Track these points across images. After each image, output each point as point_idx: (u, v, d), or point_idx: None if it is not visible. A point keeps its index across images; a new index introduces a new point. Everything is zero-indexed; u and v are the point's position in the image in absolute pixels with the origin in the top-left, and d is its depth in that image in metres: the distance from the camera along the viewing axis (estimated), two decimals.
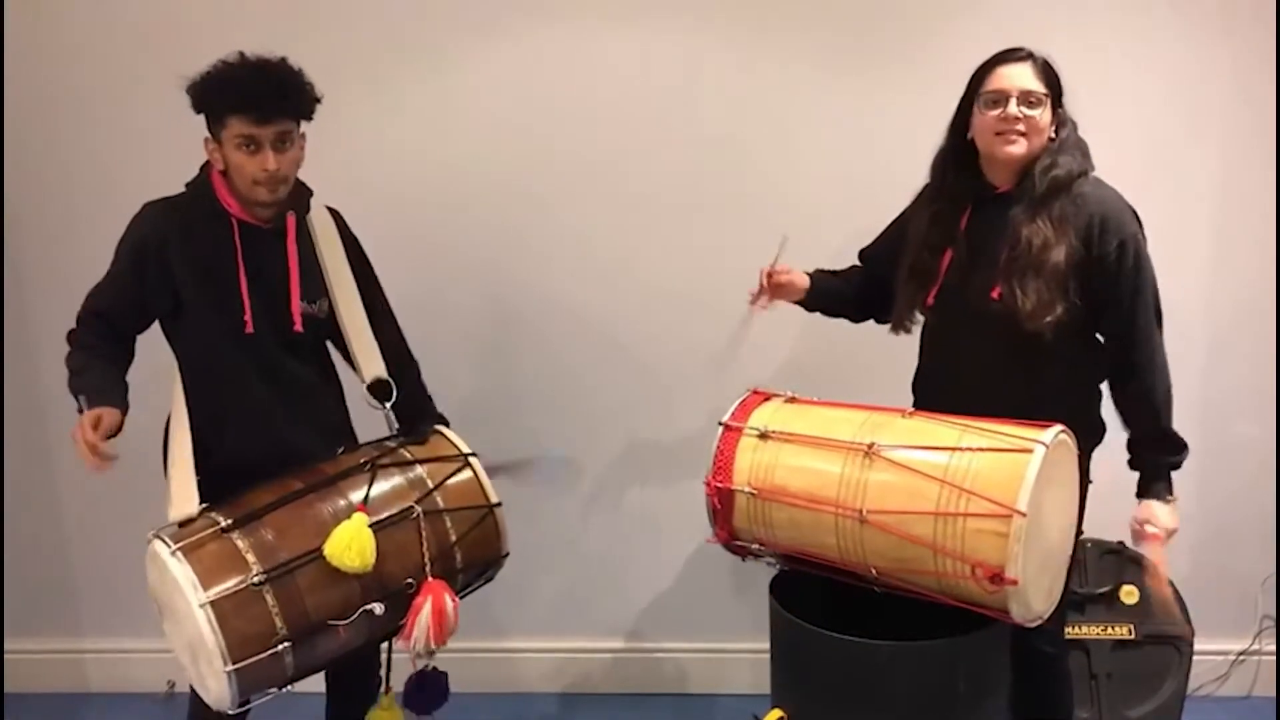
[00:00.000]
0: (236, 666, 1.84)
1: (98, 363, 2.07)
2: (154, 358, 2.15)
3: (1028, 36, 2.10)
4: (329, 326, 2.23)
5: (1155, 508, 2.07)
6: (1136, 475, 2.11)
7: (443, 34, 2.78)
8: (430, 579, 2.03)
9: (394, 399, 2.22)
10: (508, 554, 2.23)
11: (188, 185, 2.14)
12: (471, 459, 2.19)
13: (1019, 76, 2.04)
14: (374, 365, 2.22)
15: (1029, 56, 2.06)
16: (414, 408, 2.28)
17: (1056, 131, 2.08)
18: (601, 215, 2.86)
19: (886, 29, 2.74)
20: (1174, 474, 2.09)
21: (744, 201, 2.82)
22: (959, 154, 2.15)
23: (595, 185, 2.85)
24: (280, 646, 1.89)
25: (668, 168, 2.83)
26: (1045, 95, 2.04)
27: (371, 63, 2.79)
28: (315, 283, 2.18)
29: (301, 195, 2.18)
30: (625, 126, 2.81)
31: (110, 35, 2.73)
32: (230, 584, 1.87)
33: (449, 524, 2.10)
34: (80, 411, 1.97)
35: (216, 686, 1.87)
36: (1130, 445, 2.11)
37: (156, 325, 2.17)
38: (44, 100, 2.81)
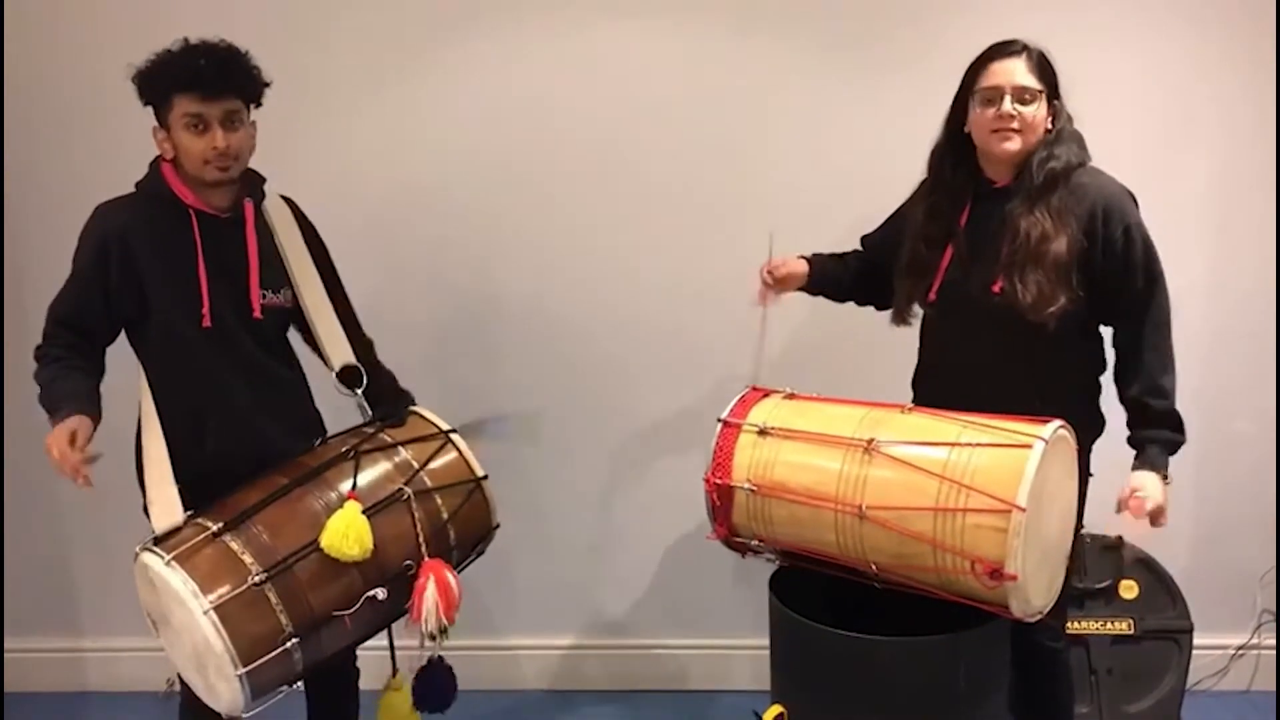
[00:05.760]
0: (248, 669, 1.82)
1: (67, 372, 2.00)
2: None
3: (1024, 31, 2.09)
4: (292, 316, 2.19)
5: (1149, 477, 2.02)
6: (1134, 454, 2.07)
7: (437, 32, 2.77)
8: (427, 558, 2.03)
9: (365, 385, 2.19)
10: (498, 525, 2.23)
11: (138, 184, 2.09)
12: (453, 436, 2.19)
13: (1013, 72, 2.03)
14: (342, 352, 2.18)
15: (1023, 50, 2.05)
16: (382, 389, 2.24)
17: (1053, 123, 2.07)
18: (598, 212, 2.86)
19: (883, 23, 2.73)
20: (1171, 458, 2.07)
21: (740, 197, 2.82)
22: (956, 149, 2.15)
23: (592, 182, 2.84)
24: (289, 644, 1.88)
25: (664, 164, 2.82)
26: (1040, 91, 2.04)
27: (368, 62, 2.79)
28: (276, 271, 2.14)
29: (256, 183, 2.14)
30: (621, 123, 2.80)
31: (109, 34, 2.73)
32: (231, 587, 1.85)
33: (439, 502, 2.11)
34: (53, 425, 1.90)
35: (229, 692, 1.85)
36: (1137, 423, 2.07)
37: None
38: (45, 99, 2.81)
